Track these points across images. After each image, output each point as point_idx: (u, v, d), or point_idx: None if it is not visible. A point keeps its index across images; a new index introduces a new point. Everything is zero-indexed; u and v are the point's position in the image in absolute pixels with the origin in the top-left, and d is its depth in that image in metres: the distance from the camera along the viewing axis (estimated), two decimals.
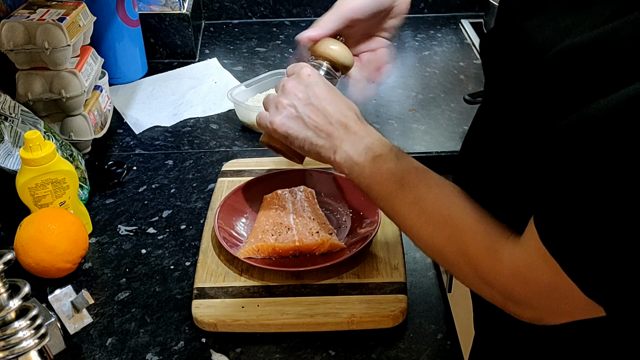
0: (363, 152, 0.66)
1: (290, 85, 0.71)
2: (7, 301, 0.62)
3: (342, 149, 0.67)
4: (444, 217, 0.59)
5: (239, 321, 0.75)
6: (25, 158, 0.81)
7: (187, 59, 1.47)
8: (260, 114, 0.74)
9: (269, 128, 0.72)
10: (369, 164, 0.65)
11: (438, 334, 0.75)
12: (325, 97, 0.70)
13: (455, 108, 1.24)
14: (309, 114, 0.69)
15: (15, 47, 0.98)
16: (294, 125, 0.70)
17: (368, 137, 0.67)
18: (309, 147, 0.70)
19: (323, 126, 0.69)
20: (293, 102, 0.70)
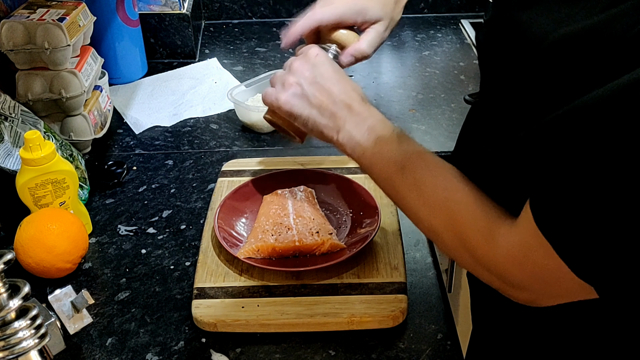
0: (365, 133, 0.67)
1: (298, 64, 0.72)
2: (7, 301, 0.62)
3: (345, 129, 0.68)
4: (442, 200, 0.60)
5: (239, 321, 0.75)
6: (25, 158, 0.81)
7: (187, 59, 1.47)
8: (267, 90, 0.74)
9: (274, 105, 0.73)
10: (371, 145, 0.66)
11: (438, 334, 0.75)
12: (331, 77, 0.71)
13: (456, 108, 1.24)
14: (314, 92, 0.70)
15: (15, 47, 0.98)
16: (299, 103, 0.71)
17: (371, 118, 0.68)
18: (312, 125, 0.71)
19: (327, 105, 0.69)
20: (299, 80, 0.71)
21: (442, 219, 0.60)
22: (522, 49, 0.51)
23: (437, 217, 0.60)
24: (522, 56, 0.51)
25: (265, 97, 0.74)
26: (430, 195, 0.61)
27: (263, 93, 0.75)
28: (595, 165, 0.43)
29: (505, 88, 0.57)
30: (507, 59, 0.56)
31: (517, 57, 0.52)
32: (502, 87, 0.58)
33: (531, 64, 0.50)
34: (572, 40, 0.45)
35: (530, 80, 0.51)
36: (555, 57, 0.47)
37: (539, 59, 0.48)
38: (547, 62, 0.48)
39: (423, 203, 0.61)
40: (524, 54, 0.51)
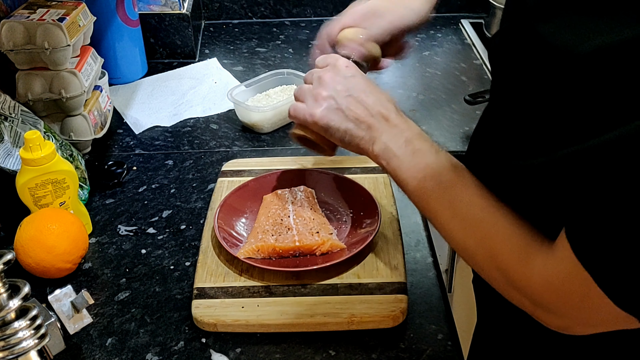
0: (402, 145, 0.66)
1: (328, 77, 0.71)
2: (7, 301, 0.61)
3: (381, 140, 0.67)
4: (477, 220, 0.59)
5: (239, 321, 0.74)
6: (25, 158, 0.81)
7: (187, 59, 1.47)
8: (296, 106, 0.73)
9: (309, 121, 0.71)
10: (408, 158, 0.65)
11: (438, 334, 0.75)
12: (365, 88, 0.70)
13: (456, 109, 1.24)
14: (349, 105, 0.69)
15: (15, 47, 0.98)
16: (335, 117, 0.69)
17: (408, 131, 0.67)
18: (350, 139, 0.69)
19: (364, 118, 0.68)
20: (332, 94, 0.69)
21: (476, 238, 0.58)
22: (546, 60, 0.50)
23: (472, 236, 0.59)
24: (545, 67, 0.50)
25: (296, 113, 0.72)
26: (466, 213, 0.60)
27: (291, 109, 0.73)
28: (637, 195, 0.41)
29: (523, 98, 0.56)
30: (525, 69, 0.54)
31: (539, 68, 0.51)
32: (519, 98, 0.57)
33: (557, 75, 0.48)
34: (609, 51, 0.44)
35: (556, 90, 0.49)
36: (588, 68, 0.45)
37: (568, 70, 0.47)
38: (579, 73, 0.46)
39: (458, 221, 0.60)
40: (548, 65, 0.49)
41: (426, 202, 0.63)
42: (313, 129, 0.72)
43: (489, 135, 0.68)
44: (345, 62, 0.73)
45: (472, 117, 1.21)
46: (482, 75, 1.38)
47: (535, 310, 0.55)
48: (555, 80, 0.49)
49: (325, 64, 0.73)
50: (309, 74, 0.74)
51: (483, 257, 0.58)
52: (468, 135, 1.15)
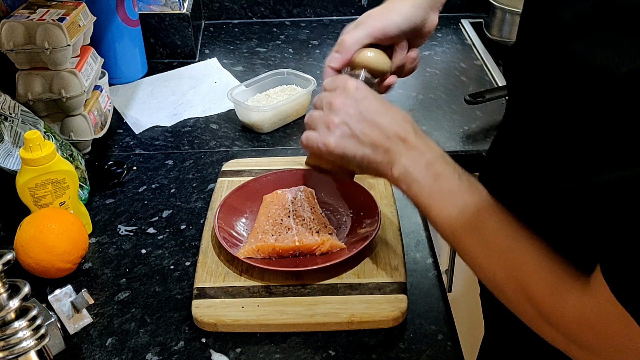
0: (424, 169, 0.63)
1: (339, 102, 0.67)
2: (7, 301, 0.61)
3: (400, 163, 0.64)
4: (505, 249, 0.56)
5: (239, 321, 0.74)
6: (25, 158, 0.81)
7: (187, 59, 1.47)
8: (308, 135, 0.69)
9: (323, 150, 0.67)
10: (429, 182, 0.62)
11: (438, 335, 0.75)
12: (378, 110, 0.66)
13: (456, 109, 1.24)
14: (363, 130, 0.65)
15: (15, 47, 0.98)
16: (350, 145, 0.66)
17: (429, 153, 0.64)
18: (367, 165, 0.66)
19: (380, 141, 0.65)
20: (345, 119, 0.66)
21: (505, 268, 0.56)
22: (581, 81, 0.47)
23: (500, 265, 0.56)
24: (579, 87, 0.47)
25: (309, 142, 0.69)
26: (493, 241, 0.57)
27: (303, 138, 0.70)
28: None
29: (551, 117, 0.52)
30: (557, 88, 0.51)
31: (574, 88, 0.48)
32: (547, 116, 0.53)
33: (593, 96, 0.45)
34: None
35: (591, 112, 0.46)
36: (628, 91, 0.42)
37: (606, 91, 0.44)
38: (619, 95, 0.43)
39: (485, 249, 0.57)
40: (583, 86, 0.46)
41: (450, 229, 0.60)
42: (328, 158, 0.69)
43: (509, 153, 0.64)
44: (355, 83, 0.69)
45: (471, 117, 1.21)
46: (482, 76, 1.38)
47: (568, 345, 0.52)
48: (591, 101, 0.46)
49: (335, 87, 0.69)
50: (317, 98, 0.71)
51: (512, 289, 0.55)
52: (468, 135, 1.15)
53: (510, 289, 0.55)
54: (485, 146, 1.12)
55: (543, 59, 0.53)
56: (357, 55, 0.74)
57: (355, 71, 0.74)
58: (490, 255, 0.57)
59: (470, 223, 0.59)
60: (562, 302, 0.51)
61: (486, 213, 0.59)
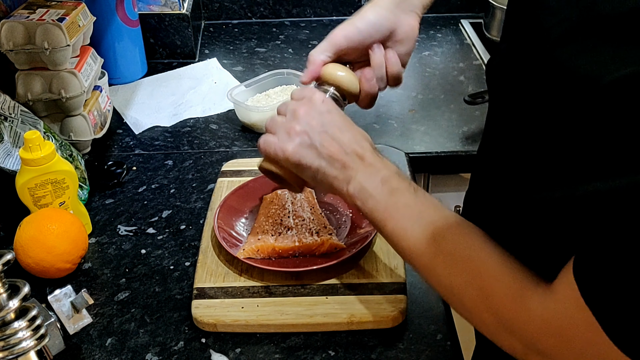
0: (379, 185, 0.63)
1: (303, 111, 0.67)
2: (6, 301, 0.62)
3: (356, 180, 0.64)
4: (464, 258, 0.56)
5: (239, 321, 0.75)
6: (25, 158, 0.81)
7: (186, 59, 1.47)
8: (267, 139, 0.69)
9: (280, 156, 0.67)
10: (385, 197, 0.62)
11: (438, 335, 0.75)
12: (340, 125, 0.67)
13: (455, 109, 1.24)
14: (323, 142, 0.65)
15: (15, 47, 0.98)
16: (308, 154, 0.66)
17: (385, 170, 0.64)
18: (322, 177, 0.66)
19: (338, 155, 0.65)
20: (306, 129, 0.66)
21: (464, 277, 0.55)
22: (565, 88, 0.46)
23: (458, 275, 0.56)
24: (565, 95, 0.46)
25: (265, 146, 0.69)
26: (451, 251, 0.57)
27: (261, 141, 0.69)
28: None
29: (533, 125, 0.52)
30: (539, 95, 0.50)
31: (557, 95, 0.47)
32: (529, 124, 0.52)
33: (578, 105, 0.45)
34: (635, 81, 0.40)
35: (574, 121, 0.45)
36: (613, 99, 0.42)
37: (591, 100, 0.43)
38: (603, 105, 0.43)
39: (442, 260, 0.57)
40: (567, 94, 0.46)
41: (406, 242, 0.60)
42: (283, 164, 0.69)
43: (491, 162, 0.64)
44: (322, 96, 0.70)
45: (471, 118, 1.21)
46: (481, 76, 1.38)
47: (527, 354, 0.52)
48: (574, 109, 0.45)
49: (301, 97, 0.70)
50: (282, 105, 0.71)
51: (471, 297, 0.54)
52: (467, 136, 1.15)
53: (469, 299, 0.55)
54: None
55: (526, 65, 0.53)
56: (328, 72, 0.74)
57: (324, 87, 0.74)
58: (449, 265, 0.57)
59: (427, 235, 0.58)
60: (524, 307, 0.50)
61: (443, 225, 0.58)
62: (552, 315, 0.48)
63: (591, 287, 0.44)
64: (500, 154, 0.61)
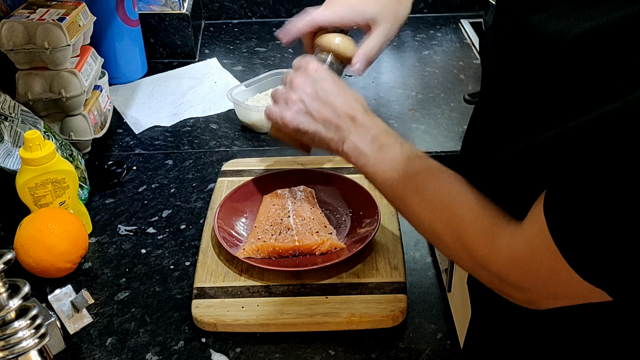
0: (369, 142, 0.68)
1: (299, 81, 0.74)
2: (7, 301, 0.62)
3: (349, 140, 0.70)
4: (444, 203, 0.61)
5: (239, 321, 0.75)
6: (25, 158, 0.81)
7: (187, 59, 1.47)
8: (270, 108, 0.76)
9: (280, 123, 0.74)
10: (374, 154, 0.68)
11: (438, 334, 0.75)
12: (333, 91, 0.72)
13: (455, 108, 1.24)
14: (317, 108, 0.71)
15: (15, 47, 0.98)
16: (304, 120, 0.72)
17: (374, 128, 0.70)
18: (319, 140, 0.72)
19: (331, 119, 0.71)
20: (301, 97, 0.72)
21: (443, 221, 0.60)
22: (537, 49, 0.51)
23: (438, 219, 0.61)
24: (537, 56, 0.51)
25: (269, 114, 0.76)
26: (432, 198, 0.62)
27: (266, 110, 0.76)
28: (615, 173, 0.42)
29: (513, 91, 0.57)
30: (517, 61, 0.55)
31: (531, 58, 0.52)
32: (510, 91, 0.58)
33: (548, 63, 0.49)
34: (598, 34, 0.44)
35: (546, 80, 0.50)
36: (578, 52, 0.46)
37: (558, 57, 0.48)
38: (569, 59, 0.47)
39: (425, 207, 0.62)
40: (538, 55, 0.50)
41: (393, 192, 0.66)
42: (285, 130, 0.75)
43: (479, 130, 0.69)
44: (315, 65, 0.75)
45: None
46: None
47: (502, 286, 0.56)
48: (544, 69, 0.50)
49: (298, 67, 0.76)
50: (284, 75, 0.77)
51: (450, 238, 0.60)
52: None
53: (448, 238, 0.60)
54: None
55: (505, 35, 0.58)
56: (325, 40, 0.80)
57: (322, 55, 0.80)
58: (431, 210, 0.62)
59: (410, 183, 0.64)
60: (495, 245, 0.55)
61: (425, 174, 0.64)
62: (519, 249, 0.52)
63: (557, 218, 0.48)
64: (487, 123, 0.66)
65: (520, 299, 0.56)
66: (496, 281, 0.57)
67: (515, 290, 0.55)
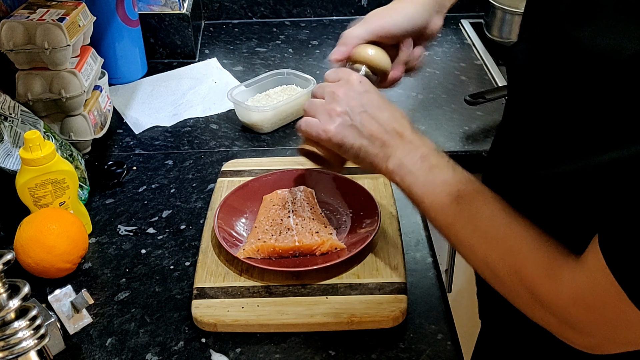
0: (418, 161, 0.65)
1: (342, 92, 0.69)
2: (6, 301, 0.61)
3: (395, 157, 0.66)
4: (500, 235, 0.57)
5: (239, 321, 0.75)
6: (25, 158, 0.81)
7: (187, 59, 1.47)
8: (308, 121, 0.71)
9: (322, 137, 0.69)
10: (423, 174, 0.64)
11: (438, 334, 0.75)
12: (379, 105, 0.69)
13: (456, 108, 1.24)
14: (363, 122, 0.68)
15: (15, 47, 0.98)
16: (350, 134, 0.68)
17: (424, 147, 0.66)
18: (364, 156, 0.69)
19: (378, 134, 0.67)
20: (346, 109, 0.68)
21: (500, 253, 0.57)
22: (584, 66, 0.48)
23: (494, 251, 0.57)
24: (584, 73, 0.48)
25: (309, 128, 0.70)
26: (488, 228, 0.58)
27: (303, 124, 0.72)
28: None
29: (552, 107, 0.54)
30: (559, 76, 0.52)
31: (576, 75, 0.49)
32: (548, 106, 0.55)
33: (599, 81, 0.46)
34: None
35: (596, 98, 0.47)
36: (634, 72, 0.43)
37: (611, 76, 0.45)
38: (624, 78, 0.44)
39: (479, 237, 0.59)
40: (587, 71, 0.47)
41: (445, 218, 0.62)
42: (326, 145, 0.71)
43: (511, 146, 0.66)
44: (359, 77, 0.72)
45: (471, 117, 1.21)
46: (482, 75, 1.38)
47: (562, 328, 0.53)
48: (594, 86, 0.47)
49: (338, 79, 0.72)
50: (319, 87, 0.73)
51: (506, 273, 0.56)
52: (468, 135, 1.15)
53: (504, 273, 0.56)
54: (486, 146, 1.12)
55: (547, 50, 0.54)
56: (359, 52, 0.76)
57: (356, 66, 0.76)
58: (486, 241, 0.58)
59: (464, 211, 0.60)
60: (556, 282, 0.51)
61: (480, 201, 0.60)
62: (582, 287, 0.49)
63: (616, 256, 0.45)
64: (519, 145, 0.63)
65: (583, 344, 0.52)
66: (556, 322, 0.53)
67: (576, 333, 0.52)
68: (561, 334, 0.54)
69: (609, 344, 0.51)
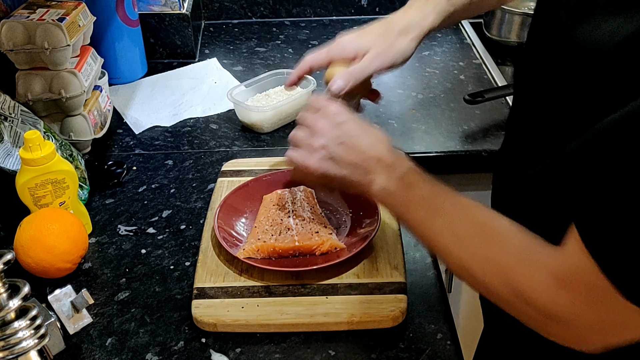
0: (396, 182, 0.68)
1: (320, 125, 0.73)
2: (6, 301, 0.62)
3: (377, 182, 0.69)
4: (470, 233, 0.60)
5: (239, 321, 0.75)
6: (25, 158, 0.81)
7: (187, 59, 1.47)
8: (292, 154, 0.75)
9: (306, 170, 0.74)
10: (402, 193, 0.67)
11: (438, 334, 0.75)
12: (356, 133, 0.72)
13: (455, 108, 1.24)
14: (341, 154, 0.71)
15: (15, 47, 0.98)
16: (329, 167, 0.72)
17: (401, 167, 0.69)
18: (348, 184, 0.72)
19: (358, 163, 0.70)
20: (324, 143, 0.72)
21: (473, 249, 0.59)
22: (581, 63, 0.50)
23: (468, 248, 0.59)
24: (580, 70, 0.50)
25: (293, 161, 0.75)
26: (462, 230, 0.61)
27: (288, 156, 0.76)
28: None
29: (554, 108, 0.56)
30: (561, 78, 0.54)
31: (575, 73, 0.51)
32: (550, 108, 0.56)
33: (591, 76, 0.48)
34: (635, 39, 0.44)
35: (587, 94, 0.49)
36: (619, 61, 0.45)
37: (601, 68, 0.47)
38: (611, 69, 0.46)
39: (456, 240, 0.61)
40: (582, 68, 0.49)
41: (424, 230, 0.65)
42: (312, 177, 0.74)
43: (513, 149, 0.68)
44: (336, 107, 0.74)
45: (471, 117, 1.21)
46: (481, 75, 1.38)
47: (546, 322, 0.54)
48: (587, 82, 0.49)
49: (317, 109, 0.75)
50: (301, 117, 0.76)
51: (482, 268, 0.58)
52: (467, 135, 1.15)
53: (479, 269, 0.58)
54: (485, 146, 1.12)
55: (551, 51, 0.56)
56: (331, 72, 0.81)
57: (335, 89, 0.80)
58: (460, 242, 0.60)
59: (439, 220, 0.63)
60: (532, 269, 0.53)
61: (452, 207, 0.63)
62: (560, 270, 0.51)
63: (591, 232, 0.46)
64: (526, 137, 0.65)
65: (568, 339, 0.53)
66: (538, 317, 0.54)
67: (560, 327, 0.53)
68: (546, 331, 0.55)
69: (593, 334, 0.52)
